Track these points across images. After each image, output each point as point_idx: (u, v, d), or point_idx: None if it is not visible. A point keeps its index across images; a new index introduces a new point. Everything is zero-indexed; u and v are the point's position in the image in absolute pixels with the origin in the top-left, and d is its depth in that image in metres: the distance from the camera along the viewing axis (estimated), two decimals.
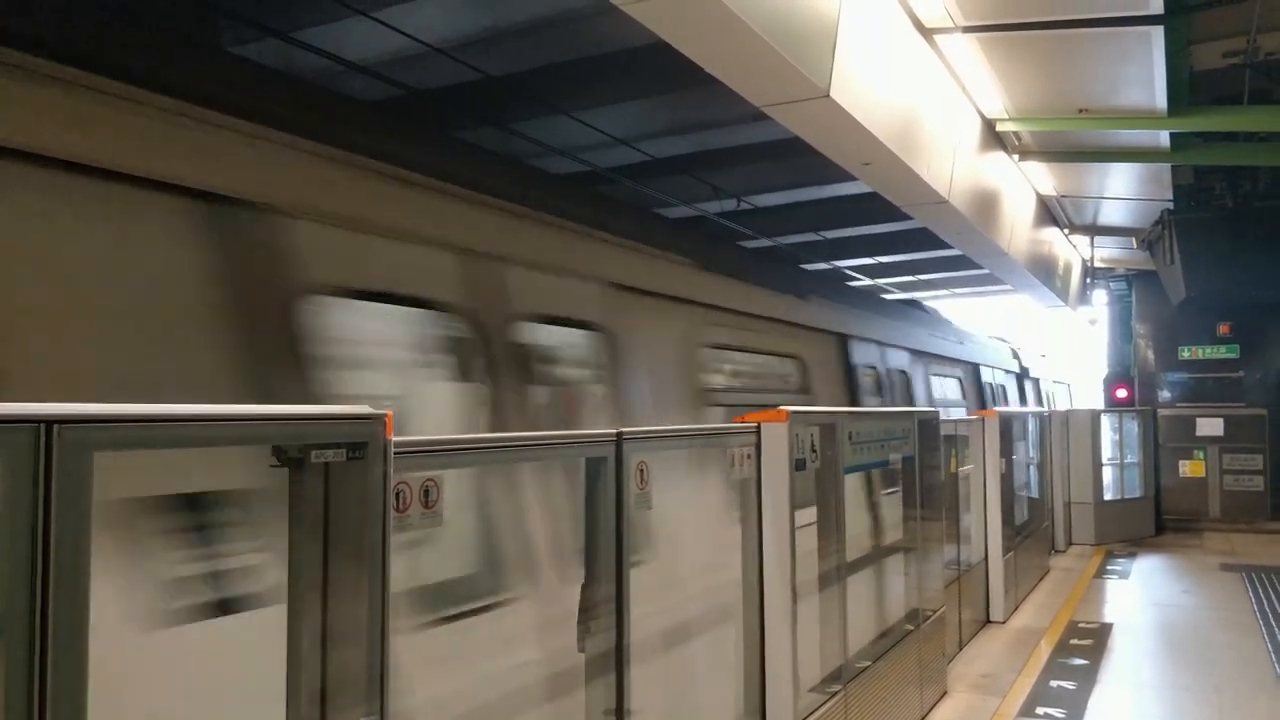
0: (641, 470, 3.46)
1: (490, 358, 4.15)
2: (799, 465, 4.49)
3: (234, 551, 2.73)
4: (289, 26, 7.66)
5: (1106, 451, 14.42)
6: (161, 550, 2.52)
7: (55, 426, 1.51)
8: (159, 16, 7.04)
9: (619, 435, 3.28)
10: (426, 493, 2.32)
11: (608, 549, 3.25)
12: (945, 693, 6.66)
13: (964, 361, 14.40)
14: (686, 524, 4.69)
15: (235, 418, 1.86)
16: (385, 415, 2.07)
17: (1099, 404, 17.64)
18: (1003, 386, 17.05)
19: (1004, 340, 18.97)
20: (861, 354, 9.34)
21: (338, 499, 2.07)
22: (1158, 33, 6.84)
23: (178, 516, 2.57)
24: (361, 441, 2.03)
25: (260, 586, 2.63)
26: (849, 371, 8.81)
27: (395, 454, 2.12)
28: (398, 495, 2.22)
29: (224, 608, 2.66)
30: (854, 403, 8.72)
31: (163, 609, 2.48)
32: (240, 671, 2.49)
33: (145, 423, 1.71)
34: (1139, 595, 10.17)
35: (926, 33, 7.18)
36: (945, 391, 13.66)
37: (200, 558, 2.66)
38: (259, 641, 2.38)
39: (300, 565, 2.09)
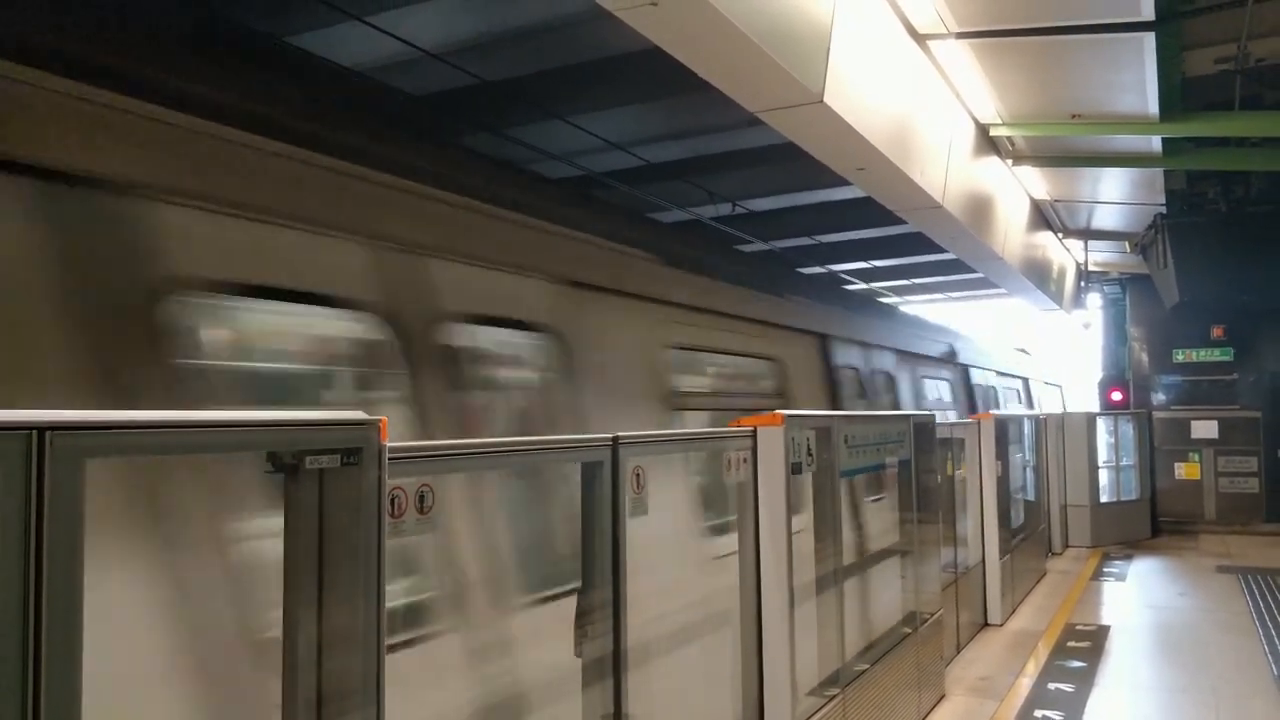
0: (638, 474, 3.46)
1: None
2: (795, 469, 4.50)
3: None
4: (284, 32, 7.67)
5: (1102, 454, 14.46)
6: None
7: (48, 433, 1.51)
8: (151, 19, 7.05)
9: (615, 439, 3.28)
10: (421, 498, 2.32)
11: (604, 554, 3.25)
12: (943, 696, 6.66)
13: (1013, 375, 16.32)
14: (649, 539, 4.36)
15: (230, 424, 1.86)
16: (380, 421, 2.07)
17: (1094, 407, 17.68)
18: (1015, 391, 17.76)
19: (1026, 352, 20.53)
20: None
21: (332, 505, 2.07)
22: (1149, 39, 6.87)
23: None
24: (356, 447, 2.03)
25: None
26: (830, 371, 8.60)
27: (389, 459, 2.12)
28: (392, 501, 2.22)
29: None
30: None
31: None
32: None
33: (139, 429, 1.70)
34: (1136, 597, 10.19)
35: (920, 38, 7.21)
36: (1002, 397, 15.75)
37: None
38: None
39: (295, 571, 2.09)
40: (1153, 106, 8.23)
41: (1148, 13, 6.43)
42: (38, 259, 2.53)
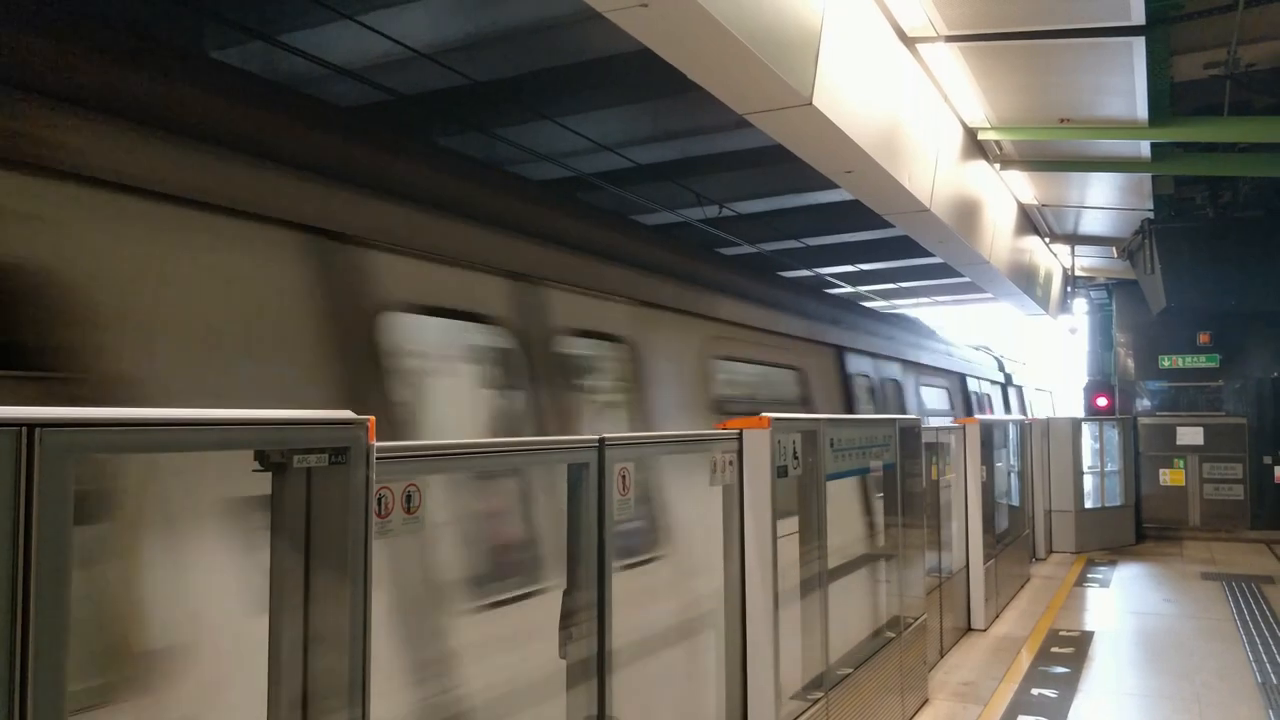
0: (624, 476, 3.46)
1: None
2: (781, 472, 4.50)
3: None
4: (273, 30, 7.64)
5: (1087, 460, 14.53)
6: None
7: (38, 430, 1.50)
8: (141, 20, 7.03)
9: (601, 441, 3.28)
10: (408, 498, 2.31)
11: (590, 555, 3.24)
12: (926, 700, 6.68)
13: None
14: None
15: (218, 422, 1.85)
16: (368, 420, 2.06)
17: (1079, 412, 17.77)
18: (988, 395, 17.75)
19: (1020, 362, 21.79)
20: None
21: (320, 504, 2.06)
22: (1139, 44, 6.91)
23: None
24: (344, 446, 2.03)
25: None
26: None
27: (377, 459, 2.11)
28: (379, 500, 2.21)
29: None
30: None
31: None
32: None
33: (128, 427, 1.69)
34: (1119, 603, 10.23)
35: (909, 42, 7.23)
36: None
37: None
38: None
39: (282, 570, 2.08)
40: (1142, 111, 8.27)
41: (1137, 17, 6.46)
42: None
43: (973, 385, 16.33)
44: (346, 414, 2.06)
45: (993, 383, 18.43)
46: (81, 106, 2.72)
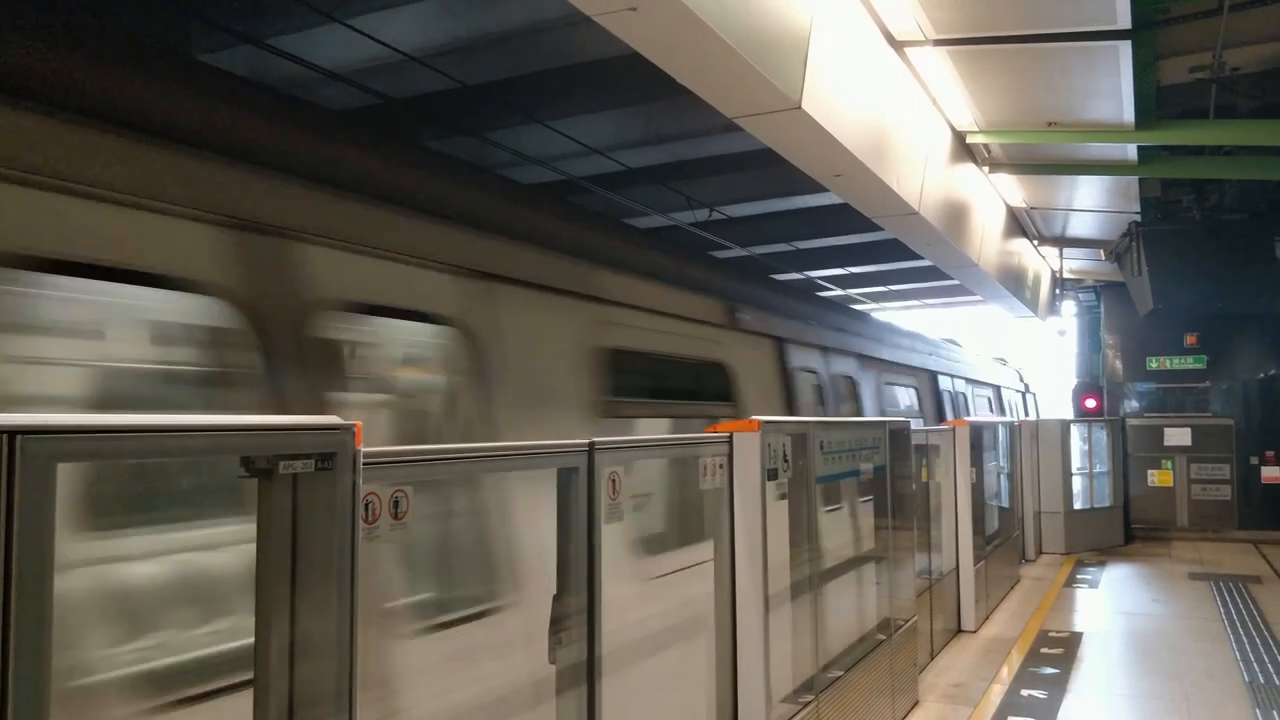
0: (614, 480, 3.46)
1: None
2: (771, 475, 4.51)
3: None
4: (263, 33, 7.63)
5: (1076, 461, 14.58)
6: None
7: (19, 437, 1.49)
8: (130, 23, 7.00)
9: (591, 445, 3.28)
10: (396, 504, 2.31)
11: (579, 560, 3.24)
12: (917, 702, 6.68)
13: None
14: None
15: (202, 428, 1.84)
16: (355, 425, 2.05)
17: (1068, 413, 17.85)
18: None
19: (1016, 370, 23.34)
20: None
21: (306, 510, 2.05)
22: (1125, 47, 6.95)
23: None
24: (330, 452, 2.02)
25: None
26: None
27: (364, 464, 2.10)
28: (367, 506, 2.21)
29: None
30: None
31: None
32: None
33: (110, 434, 1.68)
34: (1108, 604, 10.27)
35: (897, 45, 7.26)
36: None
37: None
38: None
39: (268, 576, 2.07)
40: (1128, 115, 8.32)
41: (1124, 21, 6.50)
42: None
43: (1008, 395, 20.01)
44: (333, 419, 2.05)
45: (1017, 391, 21.67)
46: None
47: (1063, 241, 15.41)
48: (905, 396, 12.40)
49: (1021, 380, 23.20)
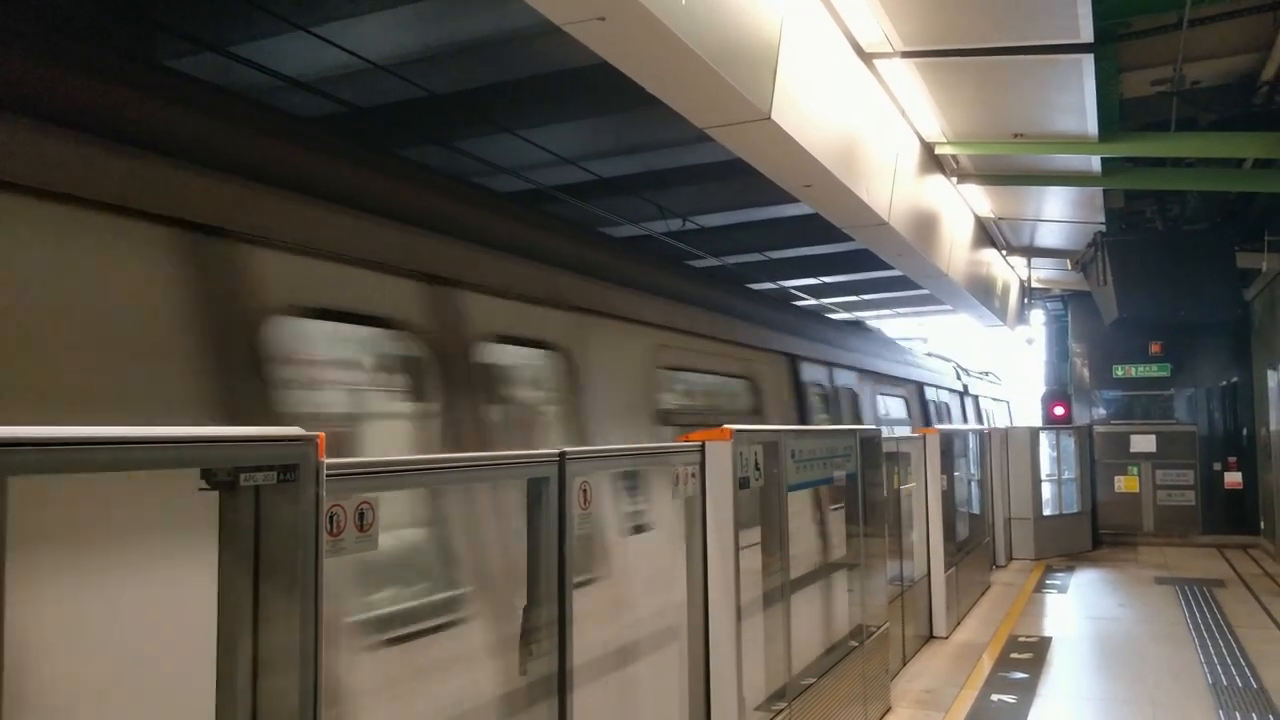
0: (584, 490, 3.44)
1: None
2: (743, 483, 4.51)
3: None
4: (228, 41, 7.57)
5: (1045, 468, 14.73)
6: None
7: None
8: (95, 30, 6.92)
9: (562, 455, 3.26)
10: (361, 515, 2.28)
11: (550, 571, 3.22)
12: (889, 709, 6.71)
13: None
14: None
15: (161, 440, 1.81)
16: (317, 436, 2.03)
17: (1037, 421, 18.04)
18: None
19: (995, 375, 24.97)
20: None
21: (269, 523, 2.02)
22: (1088, 61, 7.04)
23: None
24: (293, 464, 1.99)
25: None
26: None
27: (328, 476, 2.08)
28: (331, 518, 2.18)
29: None
30: None
31: None
32: None
33: (66, 446, 1.65)
34: (1077, 609, 10.36)
35: (866, 57, 7.31)
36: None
37: None
38: None
39: (230, 590, 2.04)
40: (1092, 127, 8.43)
41: (1086, 35, 6.59)
42: None
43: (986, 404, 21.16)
44: (295, 431, 2.03)
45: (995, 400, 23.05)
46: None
47: (1030, 251, 15.59)
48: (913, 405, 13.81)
49: (998, 388, 24.54)
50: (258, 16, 7.22)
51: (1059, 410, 17.48)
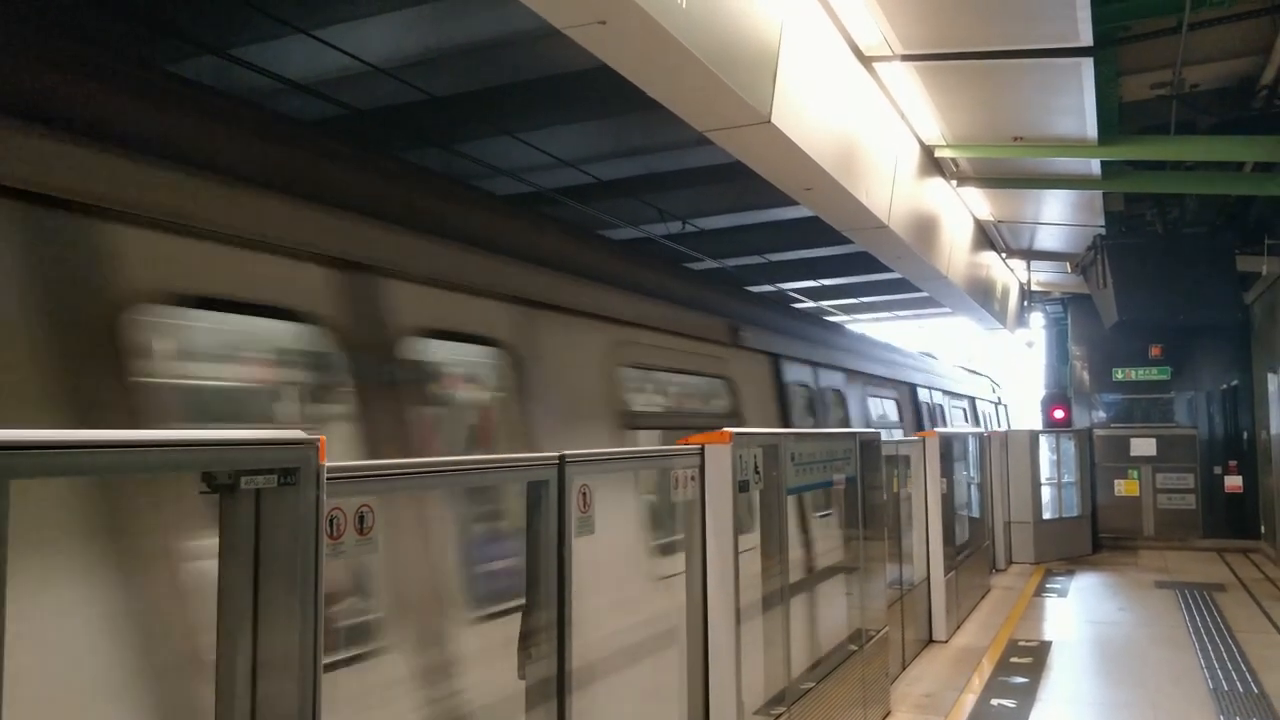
0: (584, 493, 3.44)
1: None
2: (743, 486, 4.51)
3: None
4: (229, 45, 7.57)
5: (1045, 471, 14.72)
6: None
7: None
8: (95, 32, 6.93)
9: (561, 458, 3.26)
10: (361, 518, 2.28)
11: (549, 573, 3.22)
12: (888, 713, 6.70)
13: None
14: None
15: (162, 443, 1.81)
16: (318, 440, 2.03)
17: (1037, 424, 18.04)
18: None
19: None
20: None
21: (269, 526, 2.02)
22: (1088, 65, 7.05)
23: None
24: (293, 467, 1.99)
25: None
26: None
27: (328, 479, 2.08)
28: (331, 521, 2.18)
29: None
30: None
31: None
32: None
33: (67, 449, 1.65)
34: (1077, 613, 10.36)
35: (866, 61, 7.32)
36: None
37: None
38: None
39: (231, 593, 2.04)
40: (1091, 130, 8.44)
41: (1086, 39, 6.59)
42: None
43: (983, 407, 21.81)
44: (296, 433, 2.03)
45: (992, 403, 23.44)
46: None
47: (1030, 254, 15.60)
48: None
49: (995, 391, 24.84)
50: (257, 19, 7.23)
51: (1059, 413, 17.48)
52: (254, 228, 3.29)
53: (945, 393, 16.66)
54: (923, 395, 14.39)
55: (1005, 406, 25.67)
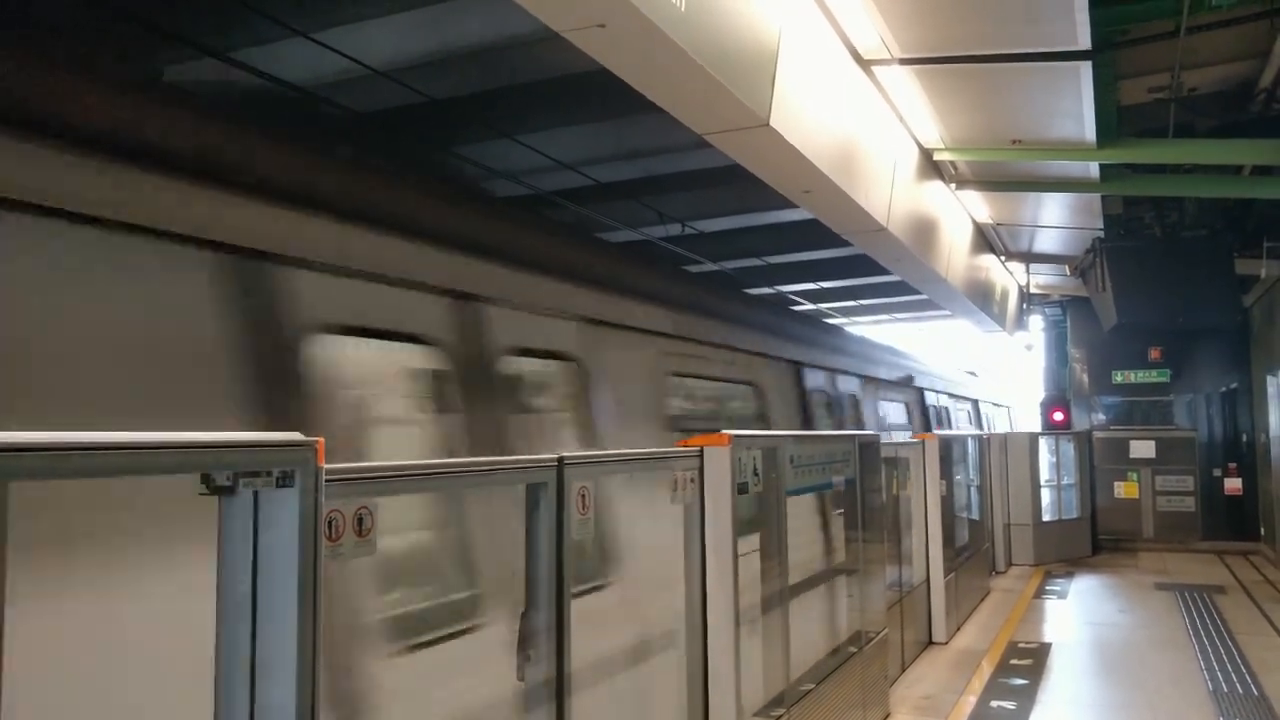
0: (583, 495, 3.44)
1: None
2: (742, 489, 4.51)
3: None
4: (228, 48, 7.58)
5: (1044, 473, 14.72)
6: None
7: None
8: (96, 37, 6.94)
9: (560, 460, 3.26)
10: (360, 520, 2.29)
11: (548, 576, 3.22)
12: (888, 715, 6.70)
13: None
14: None
15: (160, 445, 1.82)
16: (316, 442, 2.04)
17: (1036, 426, 18.04)
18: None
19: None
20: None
21: (267, 528, 2.02)
22: (1086, 68, 7.06)
23: None
24: (292, 469, 2.00)
25: None
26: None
27: (326, 481, 2.08)
28: (330, 524, 2.19)
29: None
30: None
31: None
32: None
33: (66, 451, 1.66)
34: (1077, 615, 10.36)
35: (864, 64, 7.33)
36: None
37: None
38: None
39: (229, 595, 2.04)
40: (1090, 133, 8.45)
41: (1084, 42, 6.60)
42: None
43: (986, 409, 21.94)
44: (295, 435, 2.03)
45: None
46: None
47: (1029, 257, 15.60)
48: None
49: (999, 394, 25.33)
50: (256, 22, 7.23)
51: (1058, 416, 17.49)
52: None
53: (953, 396, 16.70)
54: (930, 399, 14.44)
55: (1009, 409, 25.79)
